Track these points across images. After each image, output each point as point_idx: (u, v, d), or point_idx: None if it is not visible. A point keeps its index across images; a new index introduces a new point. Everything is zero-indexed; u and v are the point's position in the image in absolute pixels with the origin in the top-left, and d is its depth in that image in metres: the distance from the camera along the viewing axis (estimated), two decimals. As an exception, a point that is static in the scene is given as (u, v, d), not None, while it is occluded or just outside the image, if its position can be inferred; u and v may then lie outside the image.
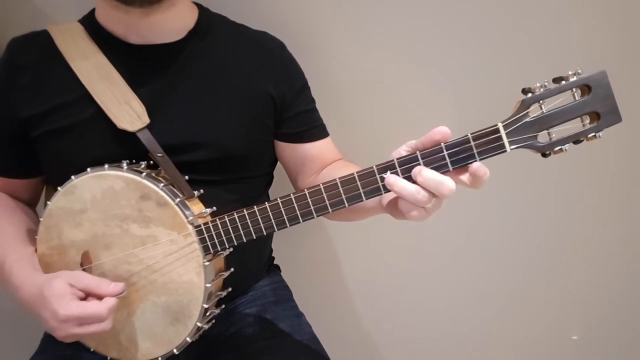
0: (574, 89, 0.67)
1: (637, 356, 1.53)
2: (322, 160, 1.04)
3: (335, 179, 0.74)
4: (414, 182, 0.70)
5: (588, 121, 0.68)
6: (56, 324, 0.77)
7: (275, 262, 1.23)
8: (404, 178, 0.71)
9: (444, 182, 0.68)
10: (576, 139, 0.68)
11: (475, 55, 1.21)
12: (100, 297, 0.80)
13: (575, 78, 0.67)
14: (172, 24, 0.92)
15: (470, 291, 1.47)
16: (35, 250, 0.89)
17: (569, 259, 1.42)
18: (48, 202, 0.87)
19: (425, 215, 0.71)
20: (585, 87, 0.67)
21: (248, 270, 1.06)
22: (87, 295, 0.80)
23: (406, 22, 1.18)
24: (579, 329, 1.51)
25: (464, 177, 0.71)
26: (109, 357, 0.90)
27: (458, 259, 1.43)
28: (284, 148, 1.04)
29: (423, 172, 0.69)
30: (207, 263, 0.82)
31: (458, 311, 1.50)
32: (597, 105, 0.67)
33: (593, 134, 0.68)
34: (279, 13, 1.16)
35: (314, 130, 1.04)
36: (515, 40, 1.19)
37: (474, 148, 0.69)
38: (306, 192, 0.76)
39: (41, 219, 0.87)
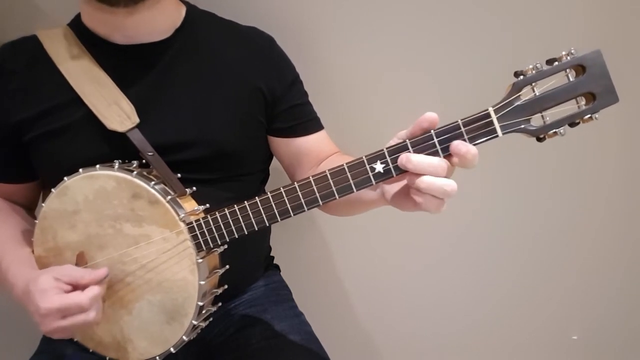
0: (567, 70, 0.62)
1: (637, 356, 1.49)
2: (318, 154, 1.00)
3: (324, 171, 0.70)
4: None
5: (584, 102, 0.63)
6: (39, 318, 0.75)
7: (274, 261, 1.19)
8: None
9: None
10: (571, 121, 0.63)
11: (467, 41, 1.15)
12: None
13: (568, 58, 0.62)
14: (158, 22, 0.89)
15: (469, 290, 1.43)
16: (32, 252, 0.86)
17: (568, 258, 1.38)
18: (42, 204, 0.84)
19: (441, 204, 0.66)
20: (580, 67, 0.62)
21: (245, 269, 1.03)
22: (74, 288, 0.77)
23: (396, 12, 1.14)
24: (579, 329, 1.48)
25: (455, 159, 0.65)
26: (107, 358, 0.87)
27: (457, 257, 1.40)
28: (279, 143, 0.99)
29: (412, 158, 0.64)
30: (200, 260, 0.78)
31: (458, 310, 1.46)
32: (593, 86, 0.62)
33: (589, 115, 0.62)
34: (268, 8, 1.12)
35: (308, 123, 1.00)
36: (507, 22, 1.14)
37: (464, 134, 0.64)
38: (296, 185, 0.71)
39: (36, 222, 0.84)
